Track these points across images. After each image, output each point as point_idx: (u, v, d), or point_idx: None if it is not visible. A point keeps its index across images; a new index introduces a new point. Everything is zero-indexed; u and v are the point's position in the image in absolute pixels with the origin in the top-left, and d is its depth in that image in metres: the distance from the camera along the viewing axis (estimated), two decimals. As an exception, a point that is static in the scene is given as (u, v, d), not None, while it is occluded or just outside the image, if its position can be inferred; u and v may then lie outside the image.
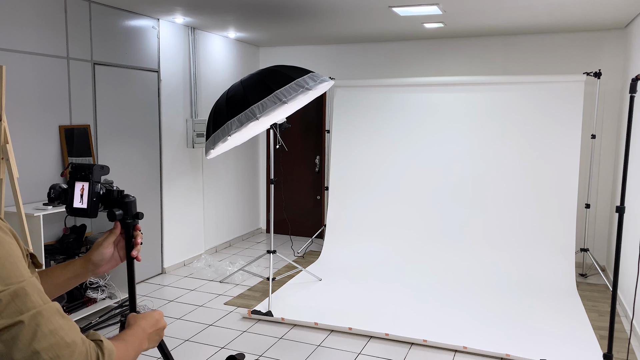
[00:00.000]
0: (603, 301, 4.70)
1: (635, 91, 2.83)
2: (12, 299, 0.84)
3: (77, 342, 0.89)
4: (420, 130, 5.71)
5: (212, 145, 3.96)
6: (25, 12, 3.86)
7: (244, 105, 3.79)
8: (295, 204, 7.15)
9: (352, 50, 6.61)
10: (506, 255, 5.30)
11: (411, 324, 4.08)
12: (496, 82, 5.44)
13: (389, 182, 5.81)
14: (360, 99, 5.94)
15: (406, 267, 5.45)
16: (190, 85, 5.75)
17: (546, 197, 5.26)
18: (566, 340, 3.84)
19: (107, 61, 4.62)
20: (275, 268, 5.64)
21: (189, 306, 4.53)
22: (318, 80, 3.93)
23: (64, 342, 0.87)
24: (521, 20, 5.00)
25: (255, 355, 3.62)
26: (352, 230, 5.89)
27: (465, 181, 5.53)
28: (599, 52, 5.56)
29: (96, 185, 1.30)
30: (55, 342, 0.86)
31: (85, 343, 0.91)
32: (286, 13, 4.82)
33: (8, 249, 0.87)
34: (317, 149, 6.95)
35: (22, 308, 0.84)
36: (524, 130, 5.35)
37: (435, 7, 4.43)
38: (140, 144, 5.05)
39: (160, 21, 5.22)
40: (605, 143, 5.64)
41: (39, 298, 0.87)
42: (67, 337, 0.88)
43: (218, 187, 6.34)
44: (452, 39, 6.11)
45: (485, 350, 3.62)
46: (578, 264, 5.79)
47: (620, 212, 2.90)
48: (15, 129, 3.83)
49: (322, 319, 4.18)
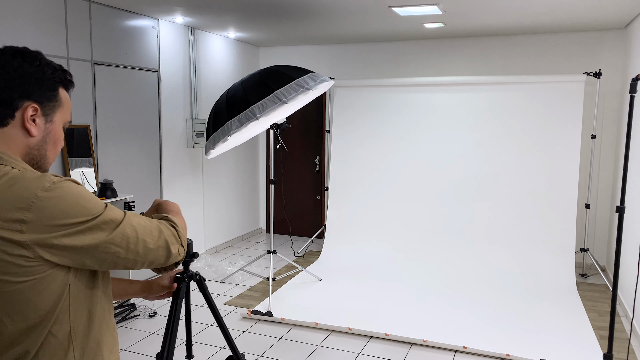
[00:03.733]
0: (603, 301, 4.70)
1: (635, 91, 2.83)
2: (101, 220, 1.07)
3: (158, 224, 1.18)
4: (420, 130, 5.71)
5: (212, 146, 3.96)
6: (25, 12, 3.86)
7: (244, 105, 3.79)
8: (295, 204, 7.15)
9: (352, 50, 6.61)
10: (506, 255, 5.30)
11: (411, 324, 4.08)
12: (496, 82, 5.44)
13: (389, 181, 5.81)
14: (360, 99, 5.94)
15: (406, 267, 5.45)
16: (190, 85, 5.75)
17: (546, 197, 5.26)
18: (566, 340, 3.84)
19: (107, 61, 4.62)
20: (275, 268, 5.64)
21: (189, 306, 4.52)
22: (318, 80, 3.93)
23: (154, 225, 1.16)
24: (521, 20, 5.00)
25: (255, 355, 3.62)
26: (352, 230, 5.89)
27: (464, 181, 5.53)
28: (599, 52, 5.56)
29: None
30: (149, 230, 1.14)
31: (160, 222, 1.20)
32: (286, 13, 4.82)
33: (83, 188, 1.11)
34: (317, 149, 6.95)
35: (111, 224, 1.08)
36: (524, 130, 5.35)
37: (435, 7, 4.43)
38: (140, 144, 5.05)
39: (160, 21, 5.22)
40: (605, 143, 5.64)
41: (119, 211, 1.12)
42: (152, 224, 1.16)
43: (218, 187, 6.34)
44: (452, 39, 6.11)
45: (485, 350, 3.62)
46: (578, 264, 5.79)
47: (620, 212, 2.90)
48: (15, 129, 3.83)
49: (322, 319, 4.18)
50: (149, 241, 1.13)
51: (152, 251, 1.14)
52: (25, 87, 1.10)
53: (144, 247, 1.13)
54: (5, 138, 1.10)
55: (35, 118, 1.12)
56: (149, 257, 1.15)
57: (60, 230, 1.02)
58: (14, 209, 1.00)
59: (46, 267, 1.03)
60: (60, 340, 1.08)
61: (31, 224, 1.00)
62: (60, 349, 1.08)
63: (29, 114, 1.11)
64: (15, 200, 1.00)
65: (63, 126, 1.20)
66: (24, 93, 1.10)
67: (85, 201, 1.05)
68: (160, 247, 1.16)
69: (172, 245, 1.18)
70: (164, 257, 1.17)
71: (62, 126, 1.19)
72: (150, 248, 1.14)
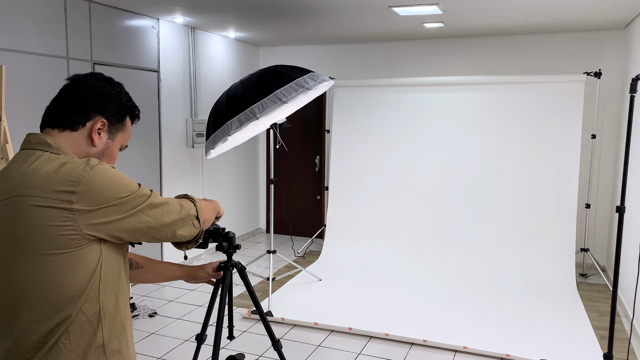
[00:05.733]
0: (603, 301, 4.70)
1: (635, 91, 2.83)
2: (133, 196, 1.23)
3: (179, 200, 1.35)
4: (420, 130, 5.71)
5: (212, 145, 3.96)
6: (25, 12, 3.86)
7: (244, 105, 3.79)
8: (295, 204, 7.15)
9: (352, 50, 6.60)
10: (506, 255, 5.30)
11: (411, 324, 4.08)
12: (496, 82, 5.43)
13: (389, 181, 5.81)
14: (360, 99, 5.94)
15: (406, 267, 5.44)
16: (190, 85, 5.75)
17: (546, 197, 5.26)
18: (566, 340, 3.84)
19: (107, 61, 4.62)
20: (275, 268, 5.63)
21: (189, 306, 4.52)
22: (318, 80, 3.93)
23: (176, 200, 1.33)
24: (521, 20, 5.00)
25: (256, 355, 3.62)
26: (352, 230, 5.88)
27: (464, 181, 5.52)
28: (599, 52, 5.56)
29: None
30: (172, 204, 1.31)
31: (182, 199, 1.38)
32: (286, 13, 4.82)
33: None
34: (317, 149, 6.95)
35: (140, 200, 1.24)
36: (524, 130, 5.35)
37: (435, 7, 4.43)
38: (140, 144, 5.05)
39: (160, 21, 5.22)
40: (605, 143, 5.63)
41: (145, 192, 1.26)
42: (175, 201, 1.33)
43: (218, 187, 6.34)
44: (452, 39, 6.11)
45: (485, 350, 3.62)
46: (578, 264, 5.79)
47: (620, 212, 2.90)
48: (15, 129, 3.83)
49: (322, 319, 4.18)
50: (173, 213, 1.30)
51: (175, 222, 1.30)
52: (102, 105, 1.31)
53: (168, 219, 1.29)
54: (72, 141, 1.29)
55: (101, 132, 1.32)
56: (172, 227, 1.30)
57: (103, 204, 1.18)
58: (65, 183, 1.16)
59: (83, 241, 1.17)
60: (89, 318, 1.20)
61: (79, 194, 1.16)
62: (90, 327, 1.21)
63: (97, 126, 1.30)
64: (66, 176, 1.17)
65: (120, 147, 1.40)
66: (99, 109, 1.31)
67: (123, 179, 1.23)
68: (182, 218, 1.32)
69: (191, 219, 1.35)
70: (186, 231, 1.34)
71: (119, 147, 1.39)
72: (173, 219, 1.30)
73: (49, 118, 1.30)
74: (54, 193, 1.15)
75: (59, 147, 1.25)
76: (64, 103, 1.29)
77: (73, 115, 1.28)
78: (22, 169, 1.20)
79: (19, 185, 1.17)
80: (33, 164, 1.20)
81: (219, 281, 2.09)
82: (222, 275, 1.94)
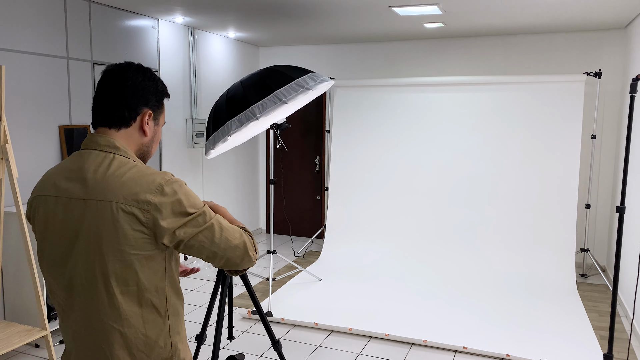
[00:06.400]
0: (603, 301, 4.70)
1: (636, 91, 2.83)
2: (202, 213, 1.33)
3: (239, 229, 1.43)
4: (420, 130, 5.71)
5: (212, 145, 3.96)
6: (25, 12, 3.86)
7: (244, 105, 3.79)
8: (295, 204, 7.15)
9: (352, 50, 6.60)
10: (506, 255, 5.30)
11: (411, 324, 4.08)
12: (496, 82, 5.43)
13: (389, 181, 5.81)
14: (360, 99, 5.94)
15: (406, 267, 5.44)
16: (190, 85, 5.75)
17: (546, 197, 5.26)
18: (566, 340, 3.84)
19: (107, 61, 4.61)
20: (275, 268, 5.63)
21: (189, 306, 4.52)
22: (318, 80, 3.92)
23: (236, 228, 1.41)
24: (521, 20, 5.00)
25: (256, 356, 3.61)
26: (352, 230, 5.88)
27: (464, 181, 5.52)
28: (599, 52, 5.56)
29: None
30: (232, 231, 1.39)
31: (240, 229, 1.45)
32: (286, 13, 4.82)
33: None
34: (317, 149, 6.95)
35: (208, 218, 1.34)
36: (524, 130, 5.35)
37: (435, 7, 4.43)
38: (140, 144, 5.04)
39: (160, 21, 5.22)
40: (605, 143, 5.63)
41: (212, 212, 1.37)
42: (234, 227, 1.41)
43: (218, 187, 6.34)
44: (452, 39, 6.11)
45: (485, 351, 3.62)
46: (578, 264, 5.78)
47: (620, 212, 2.90)
48: (15, 129, 3.83)
49: (322, 319, 4.17)
50: (230, 239, 1.38)
51: (231, 249, 1.38)
52: (145, 97, 1.40)
53: (226, 243, 1.36)
54: (127, 136, 1.39)
55: (149, 121, 1.42)
56: (228, 253, 1.38)
57: (173, 216, 1.29)
58: (147, 192, 1.28)
59: (152, 246, 1.29)
60: (158, 310, 1.34)
61: (155, 205, 1.27)
62: (159, 318, 1.34)
63: (146, 118, 1.41)
64: (147, 186, 1.28)
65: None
66: (144, 101, 1.40)
67: (192, 197, 1.34)
68: (239, 247, 1.39)
69: (249, 249, 1.42)
70: (240, 258, 1.41)
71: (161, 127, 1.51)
72: (230, 246, 1.37)
73: (101, 119, 1.38)
74: (136, 202, 1.27)
75: (125, 149, 1.36)
76: (112, 101, 1.37)
77: (124, 113, 1.37)
78: (100, 172, 1.31)
79: (104, 190, 1.29)
80: (110, 168, 1.31)
81: (219, 281, 2.10)
82: (223, 276, 1.95)
